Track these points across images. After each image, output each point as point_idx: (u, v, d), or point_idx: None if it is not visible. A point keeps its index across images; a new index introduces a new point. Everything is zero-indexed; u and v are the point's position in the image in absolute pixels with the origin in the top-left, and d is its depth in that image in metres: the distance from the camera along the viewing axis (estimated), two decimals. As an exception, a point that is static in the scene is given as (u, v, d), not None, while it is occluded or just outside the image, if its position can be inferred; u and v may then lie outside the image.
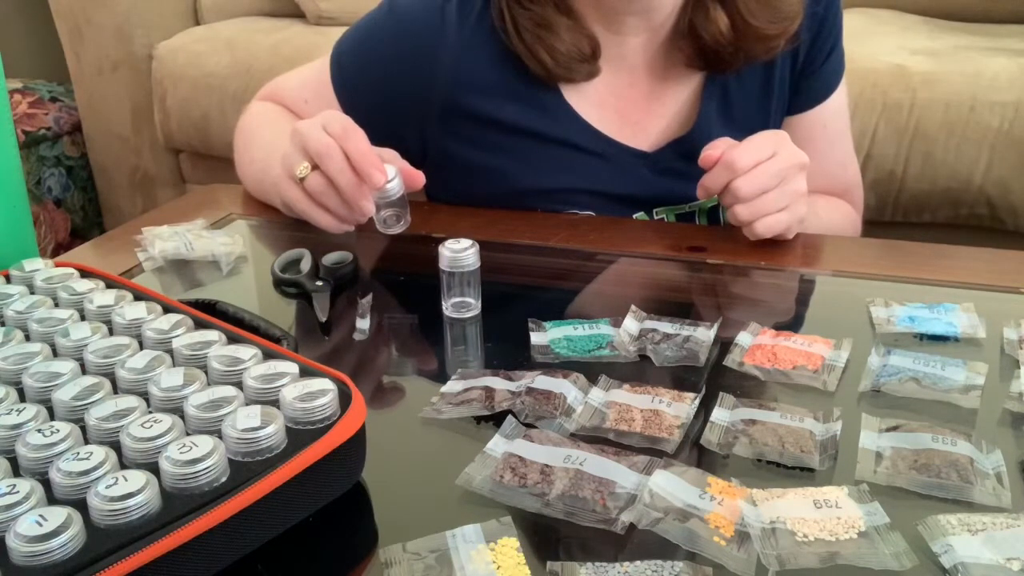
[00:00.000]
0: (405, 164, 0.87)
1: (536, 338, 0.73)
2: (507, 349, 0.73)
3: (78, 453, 0.50)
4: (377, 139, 0.87)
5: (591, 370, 0.67)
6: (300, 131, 0.85)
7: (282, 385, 0.56)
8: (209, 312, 0.70)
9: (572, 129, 0.99)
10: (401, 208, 0.85)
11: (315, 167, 0.84)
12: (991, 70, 1.53)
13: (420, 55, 0.98)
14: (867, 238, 1.02)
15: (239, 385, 0.57)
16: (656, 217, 1.02)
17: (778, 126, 1.03)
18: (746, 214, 0.86)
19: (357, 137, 0.83)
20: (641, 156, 1.00)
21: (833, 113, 1.06)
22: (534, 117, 0.99)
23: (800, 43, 0.99)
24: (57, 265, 0.76)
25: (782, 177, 0.86)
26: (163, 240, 0.92)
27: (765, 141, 0.87)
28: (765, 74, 1.00)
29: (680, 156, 0.99)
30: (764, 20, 0.94)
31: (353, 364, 0.73)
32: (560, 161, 1.00)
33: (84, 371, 0.60)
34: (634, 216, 1.02)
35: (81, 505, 0.47)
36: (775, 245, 0.91)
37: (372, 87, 1.02)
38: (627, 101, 1.01)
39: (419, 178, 0.87)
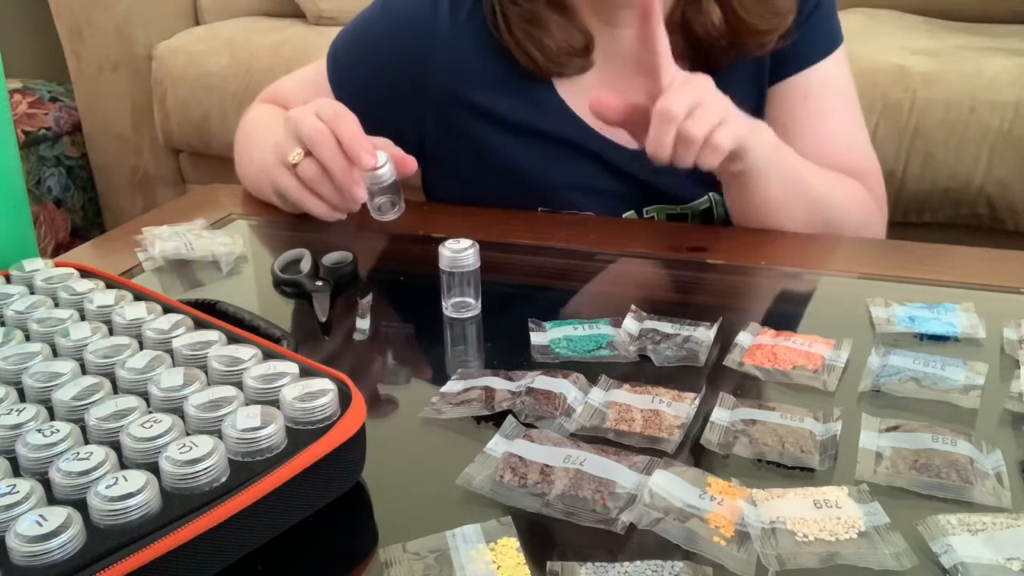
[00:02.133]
0: (398, 150, 0.87)
1: (536, 338, 0.73)
2: (507, 349, 0.73)
3: (78, 453, 0.50)
4: (375, 134, 0.87)
5: (591, 370, 0.67)
6: (293, 118, 0.85)
7: (282, 385, 0.56)
8: (209, 312, 0.70)
9: (564, 124, 0.99)
10: (394, 194, 0.85)
11: (308, 153, 0.84)
12: (991, 70, 1.53)
13: (414, 48, 0.99)
14: (867, 238, 1.02)
15: (239, 385, 0.57)
16: (647, 216, 1.02)
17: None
18: (696, 129, 0.81)
19: (348, 121, 0.83)
20: (632, 153, 1.00)
21: (820, 84, 1.01)
22: (527, 111, 0.99)
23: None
24: (57, 265, 0.76)
25: (701, 96, 0.82)
26: (163, 240, 0.92)
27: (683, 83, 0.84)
28: (756, 59, 1.00)
29: None
30: (757, 15, 0.94)
31: (353, 364, 0.73)
32: (551, 156, 1.00)
33: (84, 371, 0.60)
34: (624, 215, 1.02)
35: (81, 505, 0.47)
36: (775, 245, 0.91)
37: (368, 82, 1.02)
38: (620, 94, 1.00)
39: (411, 163, 0.86)
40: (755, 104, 1.01)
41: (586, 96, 1.00)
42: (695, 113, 0.81)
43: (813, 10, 0.99)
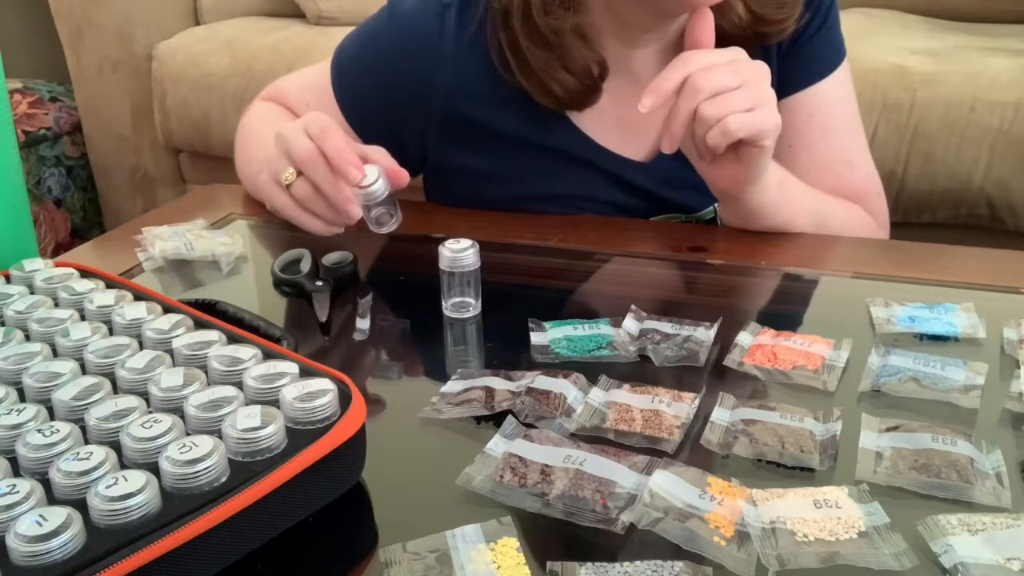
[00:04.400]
0: (391, 162, 0.86)
1: (536, 338, 0.73)
2: (507, 349, 0.73)
3: (78, 453, 0.50)
4: (377, 143, 0.87)
5: (591, 370, 0.67)
6: (283, 136, 0.85)
7: (282, 385, 0.56)
8: (209, 312, 0.70)
9: (570, 139, 0.99)
10: (390, 206, 0.85)
11: (300, 173, 0.84)
12: (991, 70, 1.53)
13: (419, 61, 0.98)
14: (867, 238, 1.02)
15: (239, 385, 0.57)
16: None
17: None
18: (712, 110, 0.79)
19: (334, 136, 0.82)
20: (639, 167, 1.00)
21: (825, 101, 1.01)
22: (532, 127, 0.98)
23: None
24: (57, 265, 0.76)
25: (743, 78, 0.81)
26: (163, 240, 0.92)
27: (717, 51, 0.83)
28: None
29: (676, 161, 0.99)
30: (771, 7, 0.94)
31: (353, 364, 0.73)
32: (558, 171, 1.00)
33: (84, 371, 0.60)
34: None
35: (81, 505, 0.47)
36: (775, 245, 0.91)
37: (372, 92, 1.02)
38: (627, 109, 1.00)
39: (403, 176, 0.86)
40: None
41: (594, 111, 0.99)
42: (712, 69, 0.80)
43: (821, 25, 0.99)
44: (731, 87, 0.80)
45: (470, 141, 1.00)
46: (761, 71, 0.83)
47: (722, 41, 0.96)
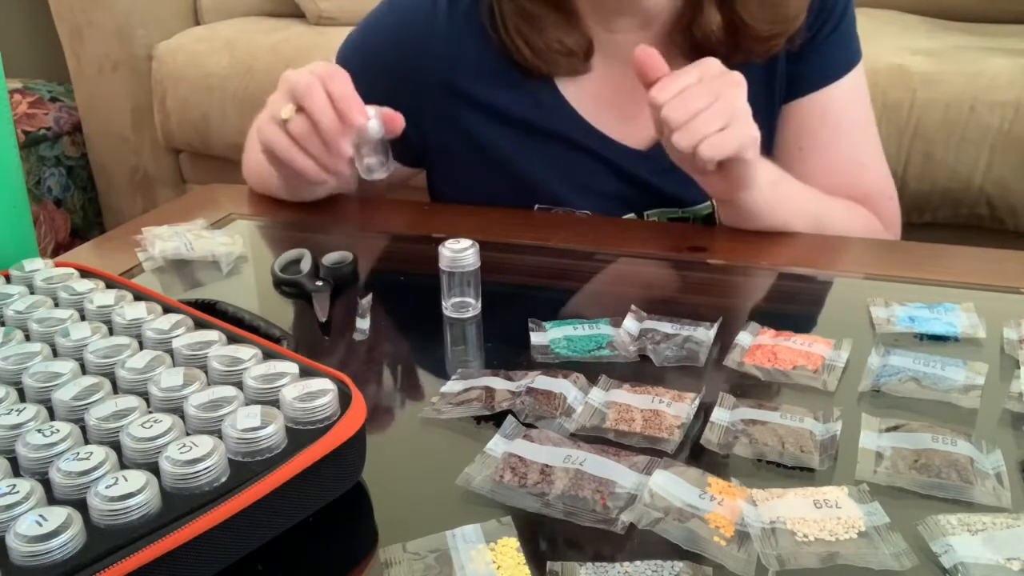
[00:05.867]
0: (386, 108, 0.87)
1: (536, 338, 0.73)
2: (507, 349, 0.73)
3: (78, 453, 0.50)
4: None
5: (591, 370, 0.67)
6: (288, 76, 0.86)
7: (282, 385, 0.56)
8: (209, 312, 0.70)
9: (565, 122, 0.99)
10: (383, 154, 0.86)
11: (299, 110, 0.84)
12: (991, 70, 1.53)
13: (415, 43, 1.00)
14: (867, 238, 1.02)
15: (239, 385, 0.57)
16: (648, 220, 1.02)
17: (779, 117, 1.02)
18: (684, 141, 0.79)
19: (340, 79, 0.84)
20: (636, 155, 1.00)
21: (835, 105, 1.00)
22: (525, 107, 0.99)
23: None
24: (57, 265, 0.76)
25: (715, 94, 0.80)
26: (163, 240, 0.92)
27: (688, 70, 0.82)
28: (766, 62, 0.99)
29: None
30: (763, 20, 0.93)
31: (353, 364, 0.73)
32: (550, 153, 1.00)
33: (84, 371, 0.60)
34: (624, 218, 1.01)
35: (81, 505, 0.47)
36: (775, 245, 0.91)
37: (373, 81, 1.02)
38: (624, 95, 1.00)
39: (398, 120, 0.86)
40: (763, 122, 1.01)
41: (589, 95, 1.00)
42: (680, 96, 0.79)
43: (836, 26, 0.98)
44: (702, 108, 0.79)
45: (467, 121, 1.01)
46: (732, 81, 0.81)
47: (698, 53, 0.96)
